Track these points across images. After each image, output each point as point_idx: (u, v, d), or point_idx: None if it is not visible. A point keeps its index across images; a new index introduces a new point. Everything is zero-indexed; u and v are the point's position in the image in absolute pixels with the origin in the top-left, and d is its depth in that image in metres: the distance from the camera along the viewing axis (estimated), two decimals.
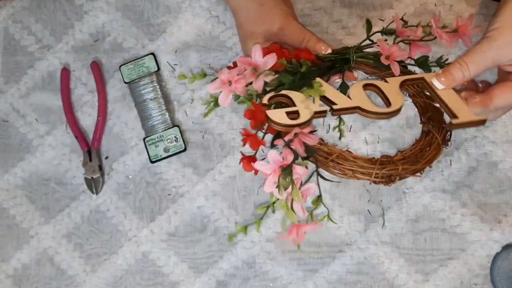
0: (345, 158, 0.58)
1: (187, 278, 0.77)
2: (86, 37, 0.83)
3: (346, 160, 0.58)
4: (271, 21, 0.66)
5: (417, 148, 0.62)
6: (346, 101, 0.57)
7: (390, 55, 0.63)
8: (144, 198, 0.79)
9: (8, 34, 0.84)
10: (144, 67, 0.79)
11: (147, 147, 0.78)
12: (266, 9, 0.67)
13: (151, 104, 0.79)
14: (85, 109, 0.81)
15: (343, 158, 0.58)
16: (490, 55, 0.57)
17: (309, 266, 0.75)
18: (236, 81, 0.58)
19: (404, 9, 0.78)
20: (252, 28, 0.67)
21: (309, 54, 0.64)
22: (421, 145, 0.63)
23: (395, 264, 0.74)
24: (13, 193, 0.81)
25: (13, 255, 0.79)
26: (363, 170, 0.58)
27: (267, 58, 0.59)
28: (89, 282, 0.78)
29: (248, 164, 0.58)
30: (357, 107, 0.58)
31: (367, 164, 0.58)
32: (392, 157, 0.62)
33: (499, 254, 0.73)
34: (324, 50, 0.65)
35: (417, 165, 0.60)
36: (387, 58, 0.63)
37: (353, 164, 0.58)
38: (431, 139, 0.63)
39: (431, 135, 0.63)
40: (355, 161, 0.58)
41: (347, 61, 0.65)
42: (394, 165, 0.59)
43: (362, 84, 0.60)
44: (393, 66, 0.63)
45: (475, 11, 0.77)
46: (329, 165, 0.59)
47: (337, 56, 0.65)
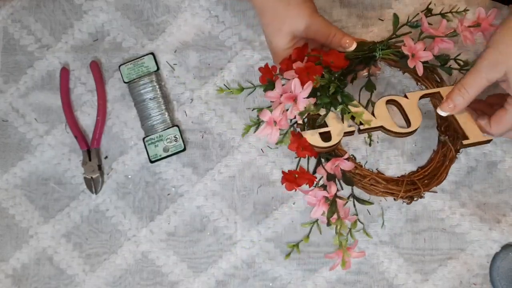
0: (377, 181, 0.65)
1: (187, 278, 0.77)
2: (85, 37, 0.83)
3: (378, 183, 0.65)
4: (298, 19, 0.66)
5: (435, 162, 0.67)
6: (372, 121, 0.63)
7: (415, 53, 0.65)
8: (144, 197, 0.79)
9: (8, 33, 0.84)
10: (143, 66, 0.79)
11: (146, 146, 0.78)
12: (293, 7, 0.67)
13: (150, 103, 0.79)
14: (85, 108, 0.81)
15: (375, 180, 0.65)
16: (483, 75, 0.61)
17: (309, 266, 0.75)
18: (281, 120, 0.61)
19: (403, 9, 0.78)
20: (279, 26, 0.67)
21: (338, 56, 0.65)
22: (439, 158, 0.68)
23: (394, 264, 0.74)
24: (13, 192, 0.81)
25: (12, 254, 0.79)
26: (391, 191, 0.65)
27: (305, 88, 0.60)
28: (88, 281, 0.78)
29: (291, 186, 0.62)
30: (381, 127, 0.63)
31: (394, 187, 0.65)
32: (414, 176, 0.67)
33: (498, 254, 0.73)
34: (349, 44, 0.65)
35: (434, 182, 0.66)
36: (413, 56, 0.65)
37: (383, 186, 0.65)
38: (446, 150, 0.67)
39: (447, 146, 0.67)
40: (385, 184, 0.65)
41: (373, 57, 0.67)
42: (416, 187, 0.65)
43: (385, 101, 0.65)
44: (418, 66, 0.65)
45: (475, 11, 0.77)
46: (362, 186, 0.65)
47: (365, 53, 0.67)
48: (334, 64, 0.65)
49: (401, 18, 0.77)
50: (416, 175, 0.67)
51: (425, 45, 0.65)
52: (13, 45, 0.83)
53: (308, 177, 0.62)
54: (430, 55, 0.65)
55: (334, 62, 0.65)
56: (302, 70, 0.62)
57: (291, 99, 0.61)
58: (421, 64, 0.65)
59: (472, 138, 0.64)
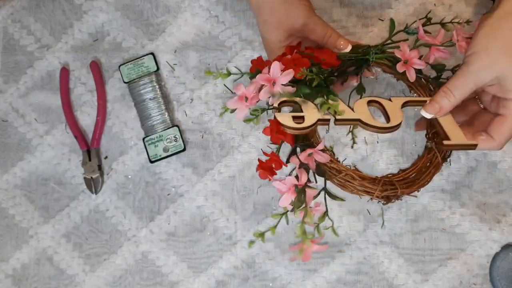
0: (352, 177, 0.63)
1: (187, 278, 0.77)
2: (85, 37, 0.83)
3: (353, 179, 0.63)
4: (295, 17, 0.67)
5: (418, 167, 0.65)
6: (349, 113, 0.61)
7: (409, 60, 0.64)
8: (144, 198, 0.79)
9: (8, 33, 0.84)
10: (143, 66, 0.79)
11: (146, 147, 0.78)
12: (290, 5, 0.67)
13: (150, 103, 0.79)
14: (85, 108, 0.81)
15: (350, 176, 0.63)
16: (470, 79, 0.60)
17: (309, 266, 0.75)
18: (252, 98, 0.60)
19: (403, 9, 0.78)
20: (276, 23, 0.67)
21: (330, 55, 0.65)
22: (422, 163, 0.66)
23: (394, 264, 0.74)
24: (12, 192, 0.81)
25: (12, 254, 0.79)
26: (367, 189, 0.63)
27: (285, 74, 0.60)
28: (88, 281, 0.78)
29: (265, 174, 0.62)
30: (358, 120, 0.61)
31: (371, 185, 0.63)
32: (394, 178, 0.65)
33: (498, 254, 0.73)
34: (344, 46, 0.66)
35: (415, 186, 0.64)
36: (406, 63, 0.64)
37: (359, 183, 0.63)
38: (432, 156, 0.66)
39: (433, 153, 0.66)
40: (361, 181, 0.63)
41: (366, 61, 0.67)
42: (394, 187, 0.63)
43: (366, 100, 0.63)
44: (409, 72, 0.64)
45: (475, 11, 0.77)
46: (337, 181, 0.63)
47: (357, 56, 0.67)
48: (325, 62, 0.64)
49: (401, 18, 0.78)
50: (396, 177, 0.65)
51: (419, 53, 0.65)
52: (13, 45, 0.83)
53: (276, 159, 0.61)
54: (424, 64, 0.64)
55: (325, 59, 0.64)
56: (289, 61, 0.62)
57: (269, 81, 0.60)
58: (413, 70, 0.64)
59: (454, 140, 0.61)
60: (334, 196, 0.63)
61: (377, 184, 0.63)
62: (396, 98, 0.64)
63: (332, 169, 0.63)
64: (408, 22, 0.77)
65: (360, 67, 0.67)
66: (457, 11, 0.77)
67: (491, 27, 0.59)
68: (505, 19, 0.59)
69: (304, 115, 0.61)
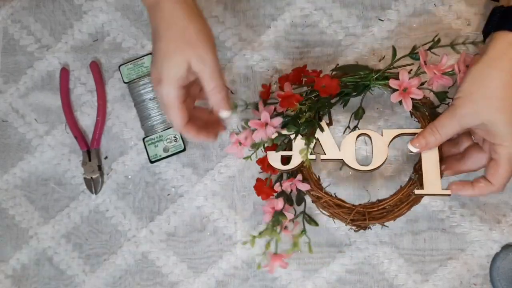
0: (329, 204, 0.68)
1: (187, 278, 0.77)
2: (85, 37, 0.83)
3: (330, 206, 0.68)
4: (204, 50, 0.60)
5: (397, 198, 0.67)
6: (334, 153, 0.67)
7: (408, 88, 0.65)
8: (144, 198, 0.79)
9: (7, 34, 0.84)
10: (143, 67, 0.79)
11: (146, 147, 0.78)
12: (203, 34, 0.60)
13: (150, 104, 0.79)
14: (85, 109, 0.81)
15: (327, 203, 0.68)
16: (455, 121, 0.61)
17: (309, 266, 0.75)
18: (244, 143, 0.66)
19: (403, 9, 0.78)
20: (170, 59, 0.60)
21: (330, 81, 0.67)
22: (402, 195, 0.67)
23: (394, 264, 0.74)
24: (12, 193, 0.81)
25: (12, 255, 0.79)
26: (340, 216, 0.68)
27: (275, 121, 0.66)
28: (88, 282, 0.78)
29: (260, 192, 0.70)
30: (341, 159, 0.67)
31: (343, 214, 0.68)
32: (370, 207, 0.68)
33: (498, 254, 0.73)
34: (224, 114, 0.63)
35: (390, 216, 0.67)
36: (405, 91, 0.66)
37: (334, 210, 0.68)
38: (414, 188, 0.67)
39: (415, 185, 0.67)
40: (336, 209, 0.68)
41: (367, 86, 0.69)
42: (363, 218, 0.68)
43: (356, 134, 0.68)
44: (406, 101, 0.66)
45: (475, 11, 0.77)
46: (319, 205, 0.69)
47: (358, 81, 0.68)
48: (324, 89, 0.67)
49: (401, 18, 0.78)
50: (371, 206, 0.68)
51: (420, 81, 0.66)
52: (13, 45, 0.83)
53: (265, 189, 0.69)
54: (421, 94, 0.65)
55: (326, 86, 0.67)
56: (283, 97, 0.67)
57: (261, 125, 0.65)
58: (410, 100, 0.65)
59: (427, 190, 0.65)
60: (310, 220, 0.69)
61: (349, 214, 0.68)
62: (388, 131, 0.67)
63: (313, 196, 0.69)
64: (408, 22, 0.78)
65: (360, 92, 0.69)
66: (457, 11, 0.77)
67: (477, 74, 0.61)
68: (490, 67, 0.60)
69: (292, 154, 0.67)
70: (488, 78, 0.60)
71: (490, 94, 0.60)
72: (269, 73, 0.79)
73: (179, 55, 0.60)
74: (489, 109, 0.60)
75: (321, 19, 0.79)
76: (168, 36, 0.60)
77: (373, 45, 0.78)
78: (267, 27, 0.80)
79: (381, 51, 0.77)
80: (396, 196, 0.68)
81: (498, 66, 0.60)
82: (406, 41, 0.77)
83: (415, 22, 0.78)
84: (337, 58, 0.78)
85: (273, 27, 0.80)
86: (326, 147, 0.68)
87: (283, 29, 0.80)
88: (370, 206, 0.68)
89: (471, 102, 0.61)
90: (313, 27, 0.79)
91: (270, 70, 0.79)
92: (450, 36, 0.76)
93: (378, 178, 0.76)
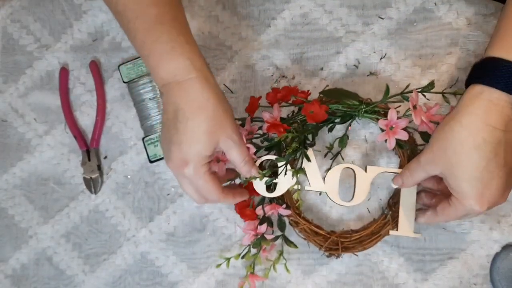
0: (306, 230, 0.72)
1: (186, 278, 0.77)
2: (84, 37, 0.83)
3: (306, 232, 0.72)
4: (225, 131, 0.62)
5: (370, 230, 0.72)
6: (318, 185, 0.71)
7: (395, 127, 0.68)
8: (143, 198, 0.79)
9: (7, 33, 0.84)
10: (143, 66, 0.79)
11: (146, 146, 0.78)
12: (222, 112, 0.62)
13: (150, 103, 0.79)
14: (84, 108, 0.81)
15: (305, 230, 0.72)
16: (420, 168, 0.65)
17: (309, 265, 0.75)
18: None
19: (403, 8, 0.78)
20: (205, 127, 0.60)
21: (319, 108, 0.68)
22: (375, 227, 0.72)
23: (394, 263, 0.74)
24: (12, 193, 0.81)
25: (11, 255, 0.79)
26: (314, 242, 0.72)
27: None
28: (88, 282, 0.78)
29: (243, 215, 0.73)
30: (324, 192, 0.71)
31: (319, 240, 0.72)
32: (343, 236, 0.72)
33: (498, 254, 0.73)
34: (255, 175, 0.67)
35: (360, 247, 0.72)
36: (391, 129, 0.68)
37: (312, 235, 0.72)
38: (386, 222, 0.72)
39: (387, 220, 0.72)
40: (313, 236, 0.72)
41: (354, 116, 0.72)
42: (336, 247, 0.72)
43: (342, 168, 0.71)
44: (390, 141, 0.69)
45: (475, 11, 0.77)
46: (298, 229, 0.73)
47: (347, 111, 0.71)
48: (312, 115, 0.69)
49: (401, 16, 0.78)
50: (344, 236, 0.72)
51: (408, 122, 0.68)
52: (12, 45, 0.83)
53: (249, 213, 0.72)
54: (406, 136, 0.68)
55: (314, 112, 0.68)
56: (271, 124, 0.69)
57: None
58: (394, 140, 0.68)
59: (401, 231, 0.71)
60: (290, 242, 0.73)
61: (324, 241, 0.72)
62: (372, 168, 0.71)
63: (292, 221, 0.73)
64: (408, 22, 0.77)
65: (346, 121, 0.72)
66: (457, 10, 0.77)
67: (442, 124, 0.63)
68: (453, 120, 0.61)
69: (278, 182, 0.69)
70: (448, 130, 0.61)
71: (446, 146, 0.61)
72: (269, 71, 0.79)
73: (210, 136, 0.61)
74: (445, 160, 0.61)
75: (321, 17, 0.79)
76: (199, 117, 0.60)
77: (373, 43, 0.77)
78: (267, 25, 0.80)
79: (381, 49, 0.77)
80: (369, 229, 0.72)
81: (458, 119, 0.61)
82: (406, 41, 0.77)
83: (415, 20, 0.78)
84: (337, 56, 0.78)
85: (273, 26, 0.80)
86: (312, 178, 0.71)
87: (283, 28, 0.79)
88: (344, 236, 0.72)
89: (432, 152, 0.63)
90: (313, 25, 0.79)
91: (270, 68, 0.79)
92: (450, 36, 0.76)
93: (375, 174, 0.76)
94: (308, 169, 0.70)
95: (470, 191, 0.60)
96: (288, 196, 0.72)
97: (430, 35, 0.77)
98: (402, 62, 0.77)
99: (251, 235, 0.71)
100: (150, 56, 0.61)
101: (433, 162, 0.63)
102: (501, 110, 0.59)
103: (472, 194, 0.60)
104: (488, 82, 0.59)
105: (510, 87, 0.58)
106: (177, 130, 0.60)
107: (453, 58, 0.76)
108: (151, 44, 0.61)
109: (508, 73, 0.59)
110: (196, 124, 0.60)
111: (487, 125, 0.59)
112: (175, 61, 0.61)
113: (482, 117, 0.59)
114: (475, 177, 0.59)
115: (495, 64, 0.60)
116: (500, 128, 0.59)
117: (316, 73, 0.78)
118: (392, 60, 0.77)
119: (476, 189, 0.60)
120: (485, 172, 0.59)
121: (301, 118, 0.71)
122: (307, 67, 0.78)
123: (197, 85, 0.60)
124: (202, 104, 0.60)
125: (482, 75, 0.61)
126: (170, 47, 0.61)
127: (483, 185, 0.59)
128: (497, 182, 0.59)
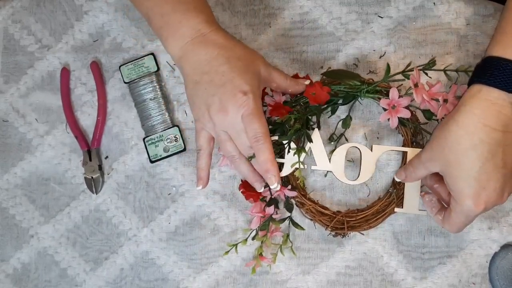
0: (312, 211, 0.73)
1: (187, 277, 0.77)
2: (85, 37, 0.83)
3: (312, 212, 0.73)
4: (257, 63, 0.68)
5: (375, 209, 0.73)
6: (325, 164, 0.71)
7: (397, 106, 0.68)
8: (144, 197, 0.79)
9: (8, 34, 0.84)
10: (143, 67, 0.80)
11: (146, 147, 0.78)
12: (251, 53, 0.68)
13: (150, 104, 0.79)
14: (85, 109, 0.81)
15: (309, 210, 0.73)
16: (421, 166, 0.65)
17: (309, 261, 0.76)
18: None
19: (402, 6, 0.78)
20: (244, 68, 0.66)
21: (321, 89, 0.68)
22: (380, 206, 0.73)
23: (394, 260, 0.75)
24: (13, 192, 0.81)
25: (12, 254, 0.80)
26: (321, 222, 0.73)
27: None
28: (89, 281, 0.78)
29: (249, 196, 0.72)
30: (330, 171, 0.72)
31: (325, 220, 0.73)
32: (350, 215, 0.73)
33: (497, 253, 0.73)
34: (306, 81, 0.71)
35: (365, 226, 0.73)
36: (393, 108, 0.68)
37: (318, 215, 0.73)
38: (391, 200, 0.73)
39: (392, 198, 0.73)
40: (319, 216, 0.73)
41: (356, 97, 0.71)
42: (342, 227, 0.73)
43: (347, 147, 0.71)
44: (392, 120, 0.69)
45: (474, 11, 0.77)
46: (304, 210, 0.74)
47: (349, 92, 0.71)
48: (314, 97, 0.68)
49: (400, 15, 0.78)
50: (351, 215, 0.73)
51: (410, 100, 0.68)
52: (14, 45, 0.84)
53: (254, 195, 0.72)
54: (409, 114, 0.68)
55: (316, 94, 0.68)
56: (274, 106, 0.70)
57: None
58: (396, 119, 0.68)
59: (406, 209, 0.71)
60: (296, 224, 0.73)
61: (329, 221, 0.72)
62: (378, 147, 0.72)
63: (298, 202, 0.73)
64: (407, 21, 0.77)
65: (348, 102, 0.72)
66: (457, 9, 0.77)
67: (444, 122, 0.63)
68: (452, 118, 0.61)
69: (285, 162, 0.70)
70: (446, 129, 0.61)
71: (443, 145, 0.61)
72: None
73: (252, 68, 0.66)
74: (443, 159, 0.62)
75: (320, 16, 0.79)
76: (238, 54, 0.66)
77: (373, 42, 0.78)
78: (267, 25, 0.80)
79: (381, 48, 0.77)
80: (374, 208, 0.73)
81: (456, 118, 0.61)
82: (405, 40, 0.77)
83: (414, 20, 0.78)
84: (338, 55, 0.78)
85: (273, 26, 0.80)
86: (318, 158, 0.71)
87: (283, 27, 0.80)
88: (349, 215, 0.73)
89: (431, 149, 0.63)
90: (313, 24, 0.79)
91: None
92: (449, 36, 0.76)
93: None
94: (315, 149, 0.71)
95: (466, 190, 0.60)
96: (294, 178, 0.72)
97: (429, 35, 0.77)
98: (401, 61, 0.77)
99: (258, 217, 0.71)
100: (172, 15, 0.66)
101: (432, 160, 0.63)
102: (499, 109, 0.59)
103: (468, 193, 0.60)
104: (487, 81, 0.60)
105: (509, 85, 0.58)
106: (223, 72, 0.64)
107: (452, 58, 0.76)
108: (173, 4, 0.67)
109: (507, 71, 0.59)
110: (239, 61, 0.65)
111: (485, 125, 0.59)
112: (197, 18, 0.66)
113: (480, 117, 0.59)
114: (472, 176, 0.59)
115: (494, 63, 0.60)
116: (499, 129, 0.59)
117: (316, 72, 0.78)
118: (391, 59, 0.77)
119: (473, 189, 0.60)
120: (481, 172, 0.59)
121: (304, 100, 0.71)
122: (307, 66, 0.78)
123: (221, 32, 0.67)
124: (233, 45, 0.67)
125: (482, 74, 0.61)
126: (193, 7, 0.67)
127: (479, 185, 0.59)
128: (495, 183, 0.59)
